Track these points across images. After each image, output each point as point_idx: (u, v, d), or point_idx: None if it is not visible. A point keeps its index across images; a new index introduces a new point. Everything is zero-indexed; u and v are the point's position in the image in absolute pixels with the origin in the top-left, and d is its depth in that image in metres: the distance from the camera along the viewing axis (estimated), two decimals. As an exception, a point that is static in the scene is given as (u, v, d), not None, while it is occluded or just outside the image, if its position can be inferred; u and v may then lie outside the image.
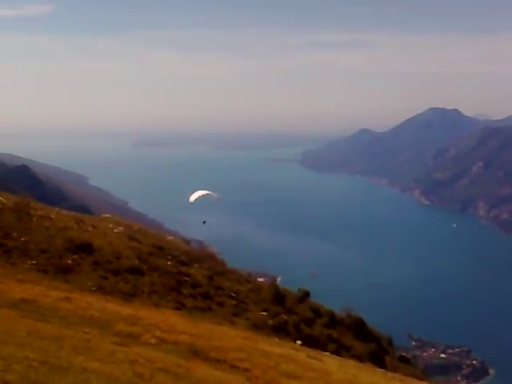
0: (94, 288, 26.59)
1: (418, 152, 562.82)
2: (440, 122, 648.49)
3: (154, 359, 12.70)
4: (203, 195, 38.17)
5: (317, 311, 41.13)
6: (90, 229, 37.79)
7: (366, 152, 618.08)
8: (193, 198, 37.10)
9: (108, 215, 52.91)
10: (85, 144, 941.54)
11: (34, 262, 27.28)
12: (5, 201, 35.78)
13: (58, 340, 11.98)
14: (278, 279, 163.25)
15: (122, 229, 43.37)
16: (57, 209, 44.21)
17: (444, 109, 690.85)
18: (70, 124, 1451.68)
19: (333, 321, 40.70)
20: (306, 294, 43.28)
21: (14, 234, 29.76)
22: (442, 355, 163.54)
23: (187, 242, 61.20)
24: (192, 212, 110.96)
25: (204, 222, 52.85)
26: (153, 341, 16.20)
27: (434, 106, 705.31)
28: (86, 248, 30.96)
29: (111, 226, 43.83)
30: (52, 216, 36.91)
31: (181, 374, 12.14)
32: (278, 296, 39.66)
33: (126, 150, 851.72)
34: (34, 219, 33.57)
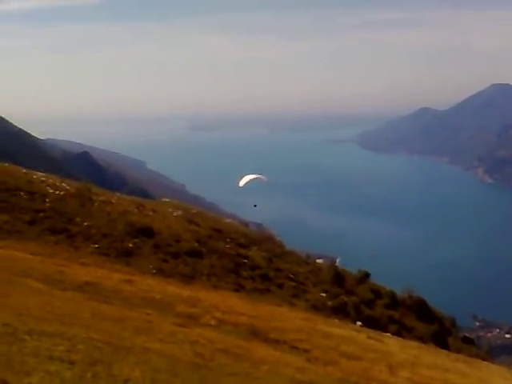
0: (154, 271, 27.10)
1: (480, 129, 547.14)
2: (503, 99, 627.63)
3: (214, 340, 12.83)
4: (253, 179, 38.22)
5: (377, 292, 40.79)
6: (150, 213, 38.47)
7: (425, 131, 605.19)
8: (242, 182, 37.27)
9: (167, 199, 53.74)
10: (141, 129, 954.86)
11: (96, 245, 27.97)
12: (68, 187, 36.75)
13: (121, 321, 12.25)
14: (337, 260, 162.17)
15: (180, 212, 43.99)
16: (117, 194, 45.20)
17: (507, 85, 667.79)
18: (125, 110, 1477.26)
19: (394, 302, 40.28)
20: (366, 275, 42.95)
21: (77, 219, 30.56)
22: (507, 335, 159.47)
23: (245, 224, 61.62)
24: (249, 195, 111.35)
25: (255, 206, 52.80)
26: (213, 322, 16.38)
27: (496, 82, 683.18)
28: (146, 232, 31.54)
29: (170, 209, 44.52)
30: (113, 201, 37.73)
31: (241, 354, 12.24)
32: (338, 277, 39.49)
33: (182, 134, 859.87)
34: (96, 204, 34.38)
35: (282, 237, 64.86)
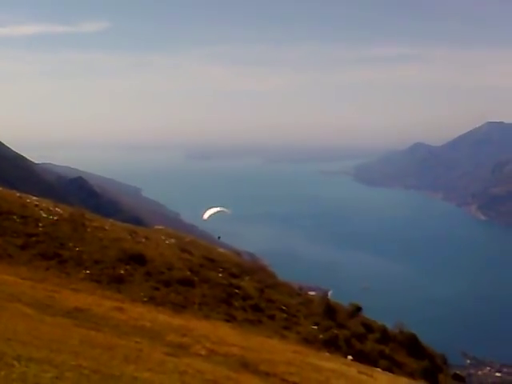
0: (145, 298, 26.93)
1: (474, 166, 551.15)
2: (498, 136, 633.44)
3: (203, 370, 12.72)
4: (216, 212, 39.98)
5: (368, 326, 40.56)
6: (143, 240, 38.37)
7: (420, 166, 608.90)
8: (206, 215, 38.87)
9: (160, 227, 53.64)
10: (138, 157, 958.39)
11: (88, 271, 27.83)
12: (61, 212, 36.70)
13: (110, 349, 12.14)
14: (329, 293, 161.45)
15: (173, 240, 43.88)
16: (111, 220, 45.10)
17: (502, 123, 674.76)
18: (123, 137, 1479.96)
19: (385, 336, 40.04)
20: (358, 309, 42.75)
21: (70, 245, 30.45)
22: (498, 374, 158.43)
23: (238, 254, 61.41)
24: (243, 224, 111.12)
25: (219, 238, 54.32)
26: (203, 352, 16.26)
27: (492, 120, 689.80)
28: (138, 259, 31.41)
29: (163, 237, 44.39)
30: (106, 227, 37.65)
31: (230, 386, 12.11)
32: (329, 310, 39.30)
33: (179, 162, 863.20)
34: (89, 230, 34.29)
35: (275, 267, 64.71)
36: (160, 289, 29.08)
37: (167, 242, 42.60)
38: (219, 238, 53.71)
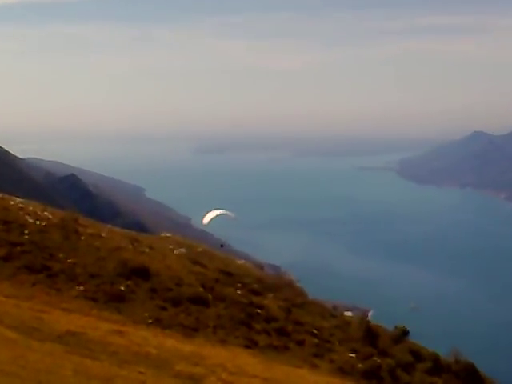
0: (150, 320, 27.08)
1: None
2: None
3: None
4: (218, 215, 39.99)
5: (417, 354, 40.32)
6: (147, 250, 38.57)
7: (479, 160, 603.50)
8: (206, 219, 39.05)
9: (168, 234, 53.86)
10: (141, 150, 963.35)
11: (81, 288, 28.04)
12: (50, 216, 37.00)
13: (109, 380, 12.24)
14: (370, 314, 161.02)
15: (183, 250, 44.06)
16: (109, 226, 45.39)
17: None
18: (123, 127, 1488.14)
19: (437, 366, 39.79)
20: (405, 333, 42.53)
21: (60, 255, 30.68)
22: None
23: (260, 267, 61.51)
24: (266, 232, 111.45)
25: (222, 246, 54.62)
26: (218, 385, 16.31)
27: None
28: (141, 273, 31.58)
29: (171, 246, 44.60)
30: (103, 234, 37.91)
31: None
32: (370, 334, 39.15)
33: (188, 157, 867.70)
34: (83, 238, 34.53)
35: (304, 283, 64.75)
36: (167, 308, 29.22)
37: (176, 252, 42.80)
38: (222, 246, 54.03)
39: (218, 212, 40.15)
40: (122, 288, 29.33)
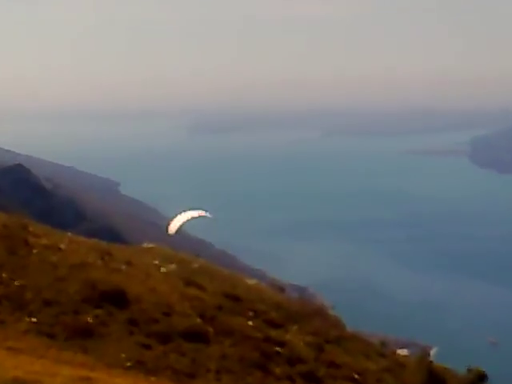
0: (129, 363, 27.02)
1: None
2: None
3: None
4: (190, 219, 39.98)
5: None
6: (123, 267, 38.56)
7: None
8: (174, 226, 38.98)
9: (151, 245, 53.90)
10: (115, 131, 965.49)
11: (33, 319, 28.00)
12: (-11, 221, 37.02)
13: None
14: (433, 351, 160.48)
15: (173, 267, 44.06)
16: (70, 234, 45.38)
17: None
18: (90, 101, 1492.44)
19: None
20: (481, 377, 42.39)
21: (4, 275, 30.63)
22: None
23: (280, 288, 61.39)
24: (287, 240, 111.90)
25: (197, 256, 54.56)
26: None
27: None
28: (116, 298, 31.52)
29: (156, 262, 44.61)
30: (62, 246, 37.90)
31: None
32: (433, 379, 39.06)
33: (179, 139, 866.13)
34: (35, 251, 34.51)
35: (341, 310, 64.62)
36: (152, 347, 29.15)
37: (163, 269, 42.78)
38: (197, 255, 54.31)
39: (191, 214, 40.00)
40: (90, 319, 29.29)
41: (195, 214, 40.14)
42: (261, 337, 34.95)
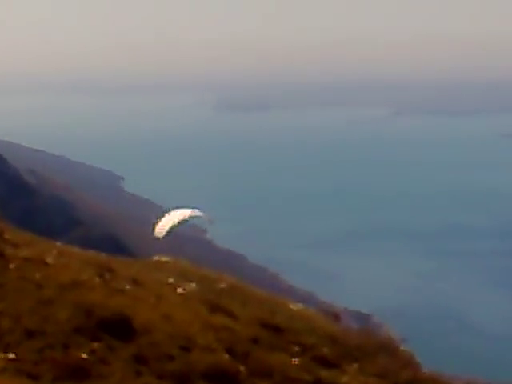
0: (135, 412, 27.24)
1: None
2: None
3: None
4: (182, 220, 39.87)
5: None
6: (128, 287, 38.76)
7: None
8: (162, 228, 38.93)
9: (165, 257, 54.08)
10: (115, 109, 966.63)
11: (11, 355, 28.22)
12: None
13: None
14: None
15: (194, 286, 44.23)
16: (59, 243, 45.64)
17: None
18: (84, 71, 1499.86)
19: None
20: None
21: (-27, 298, 30.90)
22: None
23: (334, 315, 61.46)
24: (344, 251, 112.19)
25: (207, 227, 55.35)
26: None
27: None
28: (118, 328, 31.71)
29: (172, 280, 44.74)
30: (49, 260, 38.15)
31: None
32: None
33: (201, 118, 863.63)
34: (12, 266, 34.78)
35: (414, 345, 64.56)
36: (166, 391, 29.36)
37: (180, 290, 42.90)
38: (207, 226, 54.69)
39: (185, 213, 40.05)
40: (84, 355, 29.47)
41: (186, 214, 40.07)
42: (309, 379, 35.08)
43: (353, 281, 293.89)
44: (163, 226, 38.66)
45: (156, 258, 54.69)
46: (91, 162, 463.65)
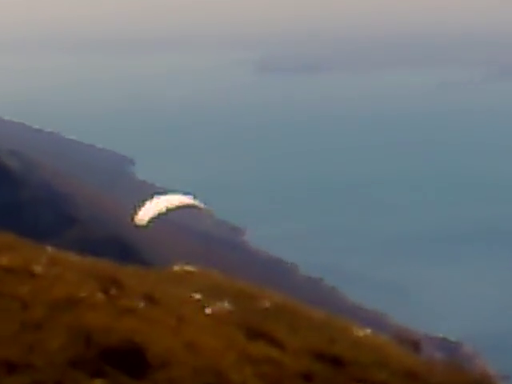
0: None
1: None
2: None
3: None
4: (171, 208, 40.93)
5: None
6: (141, 305, 38.74)
7: None
8: (144, 214, 38.98)
9: (188, 267, 54.10)
10: (129, 68, 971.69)
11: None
12: None
13: None
14: None
15: (227, 305, 44.15)
16: (50, 248, 45.71)
17: None
18: (83, 25, 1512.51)
19: None
20: None
21: None
22: None
23: (413, 343, 61.34)
24: (421, 260, 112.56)
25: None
26: None
27: None
28: (128, 360, 31.70)
29: (198, 296, 44.72)
30: (37, 269, 38.17)
31: None
32: None
33: (236, 81, 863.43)
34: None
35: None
36: None
37: (209, 309, 42.89)
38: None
39: (173, 200, 40.12)
40: (84, 395, 29.54)
41: (179, 200, 40.13)
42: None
43: (435, 297, 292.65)
44: (146, 212, 38.65)
45: (177, 267, 54.66)
46: (92, 140, 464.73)
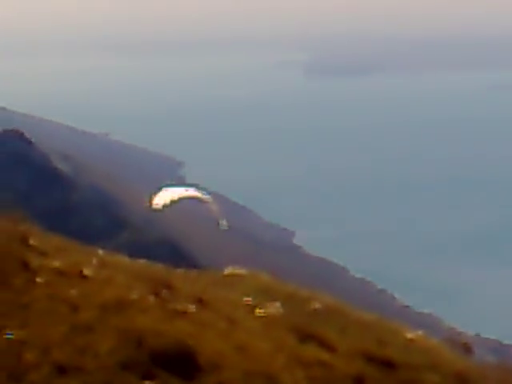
0: None
1: None
2: None
3: None
4: (179, 198, 43.50)
5: None
6: (191, 308, 38.65)
7: None
8: (161, 199, 40.31)
9: (240, 270, 53.94)
10: (176, 72, 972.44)
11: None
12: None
13: None
14: None
15: (278, 308, 44.02)
16: (100, 251, 45.67)
17: None
18: (128, 26, 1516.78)
19: None
20: None
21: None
22: None
23: (465, 346, 60.92)
24: (476, 262, 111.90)
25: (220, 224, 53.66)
26: None
27: None
28: (178, 363, 31.63)
29: (249, 299, 44.57)
30: (87, 272, 38.16)
31: None
32: None
33: (286, 83, 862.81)
34: (40, 280, 34.80)
35: None
36: None
37: (259, 312, 42.77)
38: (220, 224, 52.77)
39: (181, 192, 40.63)
40: (136, 397, 29.47)
41: (187, 192, 40.79)
42: None
43: (487, 299, 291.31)
44: (162, 197, 39.23)
45: (228, 270, 54.56)
46: (142, 143, 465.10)
